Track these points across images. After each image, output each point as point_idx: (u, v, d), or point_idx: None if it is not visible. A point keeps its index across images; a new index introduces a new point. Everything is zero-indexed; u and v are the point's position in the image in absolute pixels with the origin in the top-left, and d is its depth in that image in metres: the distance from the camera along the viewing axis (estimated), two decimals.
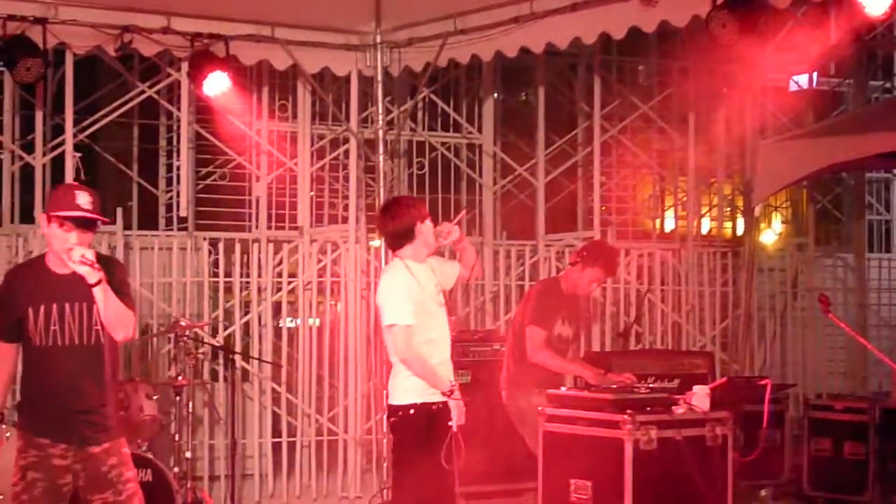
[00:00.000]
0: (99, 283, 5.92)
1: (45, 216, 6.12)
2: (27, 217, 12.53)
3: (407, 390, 7.53)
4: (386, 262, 11.77)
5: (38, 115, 12.21)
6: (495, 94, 14.50)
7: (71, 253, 5.91)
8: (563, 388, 8.98)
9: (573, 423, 8.61)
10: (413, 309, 7.49)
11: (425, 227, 7.62)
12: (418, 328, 7.50)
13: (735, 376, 11.19)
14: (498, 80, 14.61)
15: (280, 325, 12.54)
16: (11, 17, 10.40)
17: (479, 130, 14.33)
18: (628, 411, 8.32)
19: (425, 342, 7.53)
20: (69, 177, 11.39)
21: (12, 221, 12.97)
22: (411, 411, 7.51)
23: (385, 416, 8.18)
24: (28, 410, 6.30)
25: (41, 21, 10.51)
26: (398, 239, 7.67)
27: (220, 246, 12.02)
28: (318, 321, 12.33)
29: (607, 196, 15.30)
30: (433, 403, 7.54)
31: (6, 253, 11.41)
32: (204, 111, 13.07)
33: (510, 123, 15.44)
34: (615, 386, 8.90)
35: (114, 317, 6.03)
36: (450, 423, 7.49)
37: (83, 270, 5.90)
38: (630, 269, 13.38)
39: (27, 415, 6.30)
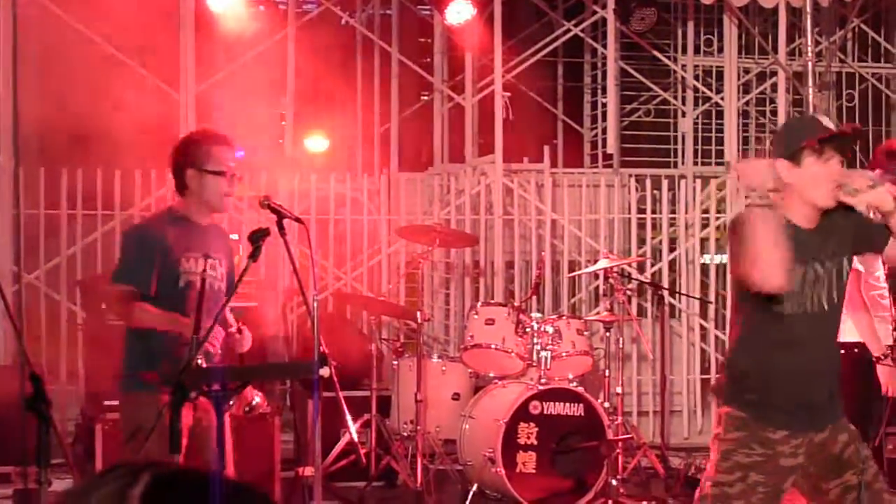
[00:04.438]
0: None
1: (786, 161, 5.13)
2: (457, 156, 12.85)
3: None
4: None
5: (467, 57, 12.48)
6: None
7: (847, 184, 5.03)
8: None
9: None
10: None
11: None
12: None
13: None
14: None
15: (706, 261, 12.43)
16: None
17: None
18: None
19: None
20: (498, 117, 11.59)
21: (442, 161, 13.34)
22: (855, 349, 7.31)
23: None
24: (751, 392, 5.29)
25: None
26: None
27: (647, 182, 12.01)
28: None
29: None
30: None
31: (438, 191, 11.72)
32: (629, 48, 13.05)
33: None
34: None
35: None
36: None
37: (872, 199, 5.04)
38: None
39: (749, 398, 5.29)
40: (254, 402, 6.20)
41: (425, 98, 13.94)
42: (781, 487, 5.28)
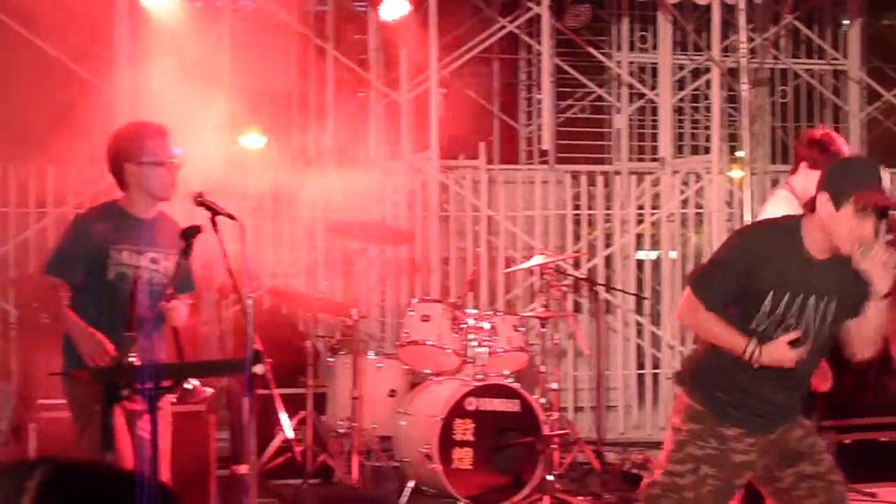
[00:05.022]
0: (888, 295, 5.07)
1: (829, 196, 5.05)
2: (393, 153, 12.80)
3: None
4: (750, 194, 11.58)
5: (402, 53, 12.47)
6: (860, 18, 13.97)
7: (866, 249, 5.00)
8: None
9: None
10: None
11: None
12: None
13: None
14: (863, 2, 14.07)
15: (641, 257, 12.47)
16: None
17: (844, 56, 13.86)
18: None
19: None
20: (433, 113, 11.60)
21: (378, 157, 13.30)
22: None
23: None
24: (714, 389, 5.37)
25: None
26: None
27: (582, 179, 12.04)
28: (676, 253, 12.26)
29: None
30: None
31: (375, 189, 11.68)
32: (564, 44, 13.08)
33: (876, 48, 14.87)
34: None
35: (871, 335, 5.23)
36: None
37: (876, 275, 5.03)
38: None
39: (711, 394, 5.37)
40: (190, 386, 6.16)
41: (361, 95, 13.88)
42: (733, 483, 5.35)
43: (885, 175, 5.06)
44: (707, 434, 5.30)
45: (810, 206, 5.21)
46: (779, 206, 7.43)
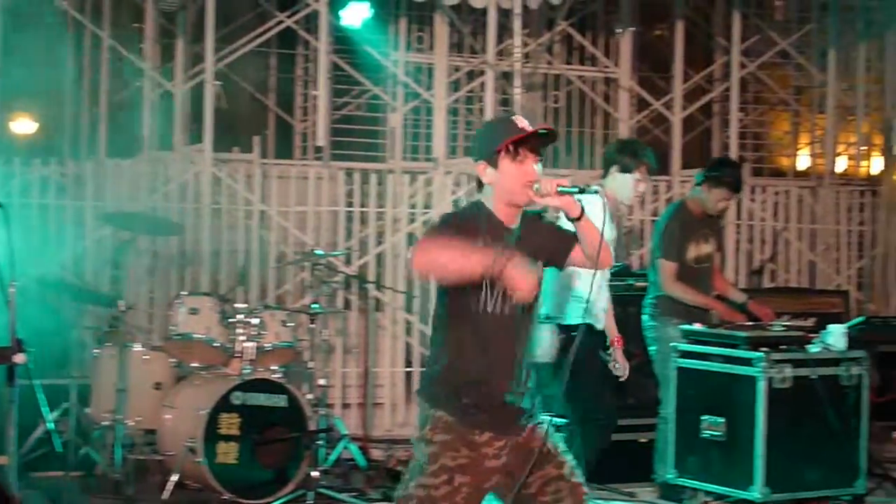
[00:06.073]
0: (581, 216, 5.19)
1: (484, 163, 5.24)
2: (166, 144, 12.70)
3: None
4: None
5: (179, 44, 12.37)
6: (632, 28, 14.33)
7: (538, 186, 5.14)
8: (696, 325, 8.93)
9: (707, 359, 8.61)
10: None
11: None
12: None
13: (871, 316, 11.08)
14: (635, 13, 14.44)
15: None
16: None
17: (616, 64, 14.21)
18: (763, 349, 8.31)
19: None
20: (208, 106, 11.54)
21: (152, 148, 13.18)
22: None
23: None
24: (457, 396, 5.31)
25: None
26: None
27: (356, 176, 12.11)
28: None
29: (743, 132, 15.12)
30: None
31: (147, 180, 11.58)
32: (341, 42, 13.12)
33: (646, 58, 15.30)
34: (750, 323, 8.89)
35: (597, 244, 5.24)
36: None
37: (559, 203, 5.14)
38: (765, 207, 13.28)
39: (456, 402, 5.31)
40: None
41: (137, 84, 13.72)
42: (483, 487, 5.33)
43: (523, 120, 5.24)
44: (458, 443, 5.27)
45: (478, 185, 5.39)
46: (595, 205, 7.77)
